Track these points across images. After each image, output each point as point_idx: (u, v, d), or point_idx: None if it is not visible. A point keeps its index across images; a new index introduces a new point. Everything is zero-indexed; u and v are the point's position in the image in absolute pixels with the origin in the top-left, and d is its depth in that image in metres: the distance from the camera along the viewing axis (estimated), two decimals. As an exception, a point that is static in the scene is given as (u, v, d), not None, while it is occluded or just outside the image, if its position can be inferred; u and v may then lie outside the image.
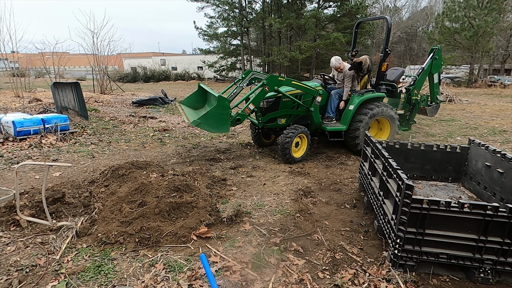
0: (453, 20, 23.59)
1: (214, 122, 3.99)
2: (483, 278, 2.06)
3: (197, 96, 5.21)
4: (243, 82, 4.71)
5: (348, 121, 4.93)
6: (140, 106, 10.64)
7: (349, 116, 4.92)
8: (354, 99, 5.00)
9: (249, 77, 4.72)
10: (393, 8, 44.13)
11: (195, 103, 5.18)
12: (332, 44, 25.57)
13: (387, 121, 5.27)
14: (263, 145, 5.71)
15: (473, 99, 14.64)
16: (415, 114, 6.26)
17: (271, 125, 4.87)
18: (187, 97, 5.21)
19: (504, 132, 7.20)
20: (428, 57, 5.98)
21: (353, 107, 4.91)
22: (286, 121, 4.90)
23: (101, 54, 13.98)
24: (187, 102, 5.14)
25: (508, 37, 28.62)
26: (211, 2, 27.75)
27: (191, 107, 5.12)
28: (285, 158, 4.62)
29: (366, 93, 5.03)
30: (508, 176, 2.79)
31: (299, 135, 4.65)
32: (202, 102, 5.22)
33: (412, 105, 6.10)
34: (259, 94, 4.33)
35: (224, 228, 2.75)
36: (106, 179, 3.56)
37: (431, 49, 6.04)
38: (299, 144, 4.78)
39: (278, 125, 4.89)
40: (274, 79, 4.38)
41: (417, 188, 3.49)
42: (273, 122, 4.86)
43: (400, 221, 2.08)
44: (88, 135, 6.34)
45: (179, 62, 38.62)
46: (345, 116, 4.99)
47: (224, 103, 4.01)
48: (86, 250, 2.38)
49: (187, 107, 5.05)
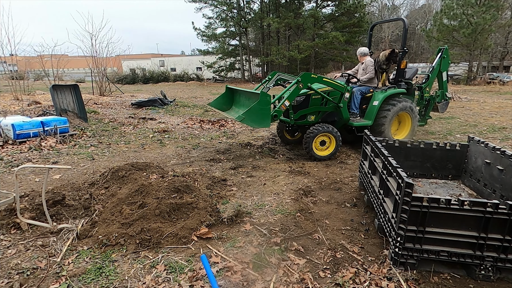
0: (452, 17, 23.58)
1: (256, 117, 4.10)
2: (484, 275, 2.06)
3: (224, 98, 5.44)
4: (270, 83, 5.01)
5: (373, 116, 5.13)
6: (140, 108, 10.64)
7: (374, 112, 5.12)
8: (378, 95, 5.21)
9: (275, 78, 5.06)
10: (391, 7, 44.11)
11: (222, 105, 5.40)
12: (331, 43, 25.61)
13: (409, 116, 5.50)
14: (287, 142, 5.88)
15: (472, 97, 14.64)
16: (430, 109, 6.44)
17: (301, 122, 5.03)
18: (214, 100, 5.45)
19: (504, 129, 7.20)
20: (437, 56, 6.13)
21: (378, 102, 5.11)
22: (315, 118, 5.04)
23: (100, 56, 13.97)
24: (214, 104, 5.37)
25: (507, 34, 28.61)
26: (209, 3, 27.78)
27: (219, 108, 5.32)
28: (308, 155, 4.81)
29: (388, 89, 5.27)
30: (508, 173, 2.79)
31: (325, 134, 4.76)
32: (229, 104, 5.47)
33: (427, 101, 6.28)
34: (294, 91, 4.43)
35: (225, 229, 2.75)
36: (106, 181, 3.56)
37: (439, 48, 6.21)
38: (325, 143, 4.85)
39: (308, 122, 5.04)
40: (307, 77, 4.49)
41: (417, 186, 3.49)
42: (304, 119, 5.00)
43: (400, 219, 2.08)
44: (88, 137, 6.34)
45: (178, 63, 38.62)
46: (370, 112, 5.20)
47: (266, 99, 4.12)
48: (87, 252, 2.38)
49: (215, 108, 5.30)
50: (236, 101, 5.43)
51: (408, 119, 5.56)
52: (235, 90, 5.46)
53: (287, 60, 26.02)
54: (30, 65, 16.15)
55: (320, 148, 4.84)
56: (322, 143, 4.82)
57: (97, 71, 13.93)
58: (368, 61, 5.36)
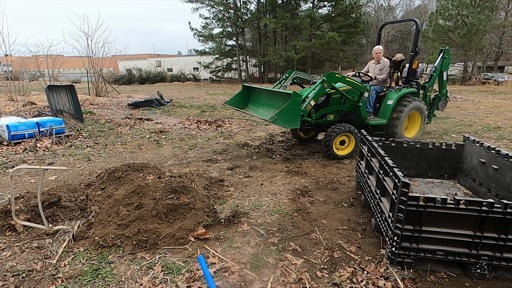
0: (447, 18, 23.78)
1: (288, 117, 4.10)
2: (479, 274, 2.08)
3: (241, 97, 5.49)
4: (287, 81, 5.14)
5: (388, 115, 5.26)
6: (136, 108, 10.60)
7: (389, 111, 5.25)
8: (393, 94, 5.36)
9: (292, 77, 5.21)
10: (387, 7, 44.37)
11: (239, 104, 5.45)
12: (328, 44, 25.69)
13: (419, 115, 5.69)
14: (301, 140, 6.00)
15: (467, 97, 14.76)
16: (435, 108, 6.57)
17: (321, 121, 5.06)
18: (231, 98, 5.50)
19: (499, 128, 7.27)
20: (439, 57, 6.26)
21: (392, 102, 5.25)
22: (334, 117, 5.10)
23: (96, 56, 13.89)
24: (232, 103, 5.42)
25: (501, 35, 28.90)
26: (205, 3, 27.74)
27: (236, 107, 5.38)
28: (328, 154, 4.86)
29: (402, 89, 5.44)
30: (503, 172, 2.82)
31: (346, 134, 4.82)
32: (245, 102, 5.51)
33: (432, 100, 6.43)
34: (319, 90, 4.49)
35: (222, 229, 2.75)
36: (103, 182, 3.54)
37: (440, 49, 6.35)
38: (345, 142, 4.91)
39: (327, 121, 5.08)
40: (332, 76, 4.58)
41: (414, 186, 3.51)
42: (323, 118, 5.04)
43: (397, 218, 2.09)
44: (84, 138, 6.30)
45: (174, 63, 38.53)
46: (385, 111, 5.32)
47: (297, 99, 4.10)
48: (83, 254, 2.36)
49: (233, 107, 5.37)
50: (254, 100, 5.43)
51: (418, 117, 5.74)
52: (252, 89, 5.50)
53: (284, 60, 26.04)
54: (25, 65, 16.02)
55: (340, 148, 4.90)
56: (342, 142, 4.89)
57: (93, 71, 13.85)
58: (386, 61, 5.51)
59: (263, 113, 4.83)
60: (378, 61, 5.61)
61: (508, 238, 1.97)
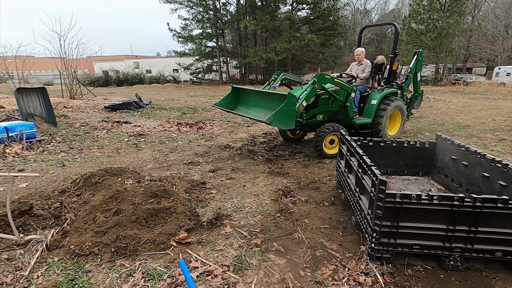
0: (419, 22, 24.87)
1: (284, 118, 4.12)
2: (453, 266, 2.18)
3: (230, 98, 5.47)
4: (276, 83, 5.20)
5: (372, 114, 5.49)
6: (113, 111, 10.27)
7: (373, 110, 5.47)
8: (376, 94, 5.59)
9: (280, 78, 5.37)
10: (363, 11, 45.77)
11: (229, 105, 5.42)
12: (307, 46, 26.10)
13: (399, 114, 6.01)
14: (288, 140, 6.12)
15: (439, 97, 15.48)
16: (412, 107, 6.87)
17: (311, 122, 5.18)
18: (221, 100, 5.45)
19: (468, 127, 7.67)
20: (413, 59, 6.54)
21: (376, 101, 5.48)
22: (323, 117, 5.23)
23: (69, 57, 13.33)
24: (222, 104, 5.38)
25: (468, 38, 30.62)
26: (184, 4, 27.38)
27: (226, 108, 5.34)
28: (318, 153, 4.99)
29: (385, 89, 5.68)
30: (472, 168, 2.97)
31: (335, 134, 4.95)
32: (234, 103, 5.50)
33: (409, 99, 6.75)
34: (310, 91, 4.58)
35: (205, 232, 2.72)
36: (78, 188, 3.40)
37: (414, 51, 6.62)
38: (334, 141, 5.04)
39: (316, 121, 5.20)
40: (323, 77, 4.70)
41: (391, 183, 3.63)
42: (313, 119, 5.16)
43: (375, 215, 2.15)
44: (58, 142, 6.03)
45: (153, 64, 37.76)
46: (369, 110, 5.55)
47: (293, 100, 4.14)
48: (58, 264, 2.26)
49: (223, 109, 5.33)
50: (244, 101, 5.44)
51: (399, 116, 6.05)
52: (242, 90, 5.50)
53: (264, 62, 26.20)
54: (-8, 67, 15.12)
55: (329, 147, 5.03)
56: (331, 141, 5.02)
57: (67, 73, 13.29)
58: (368, 62, 5.77)
59: (254, 114, 4.87)
60: (360, 63, 5.83)
61: (478, 230, 2.08)
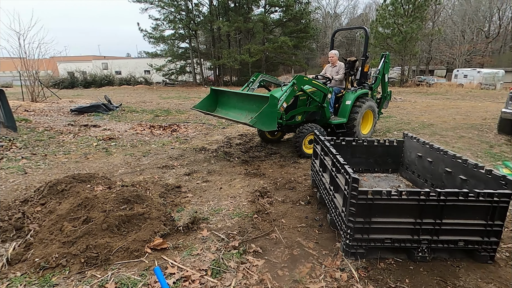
0: (385, 26, 26.20)
1: (267, 119, 4.12)
2: (421, 257, 2.30)
3: (209, 100, 5.41)
4: (254, 84, 5.21)
5: (347, 114, 5.70)
6: (81, 114, 9.76)
7: (348, 110, 5.69)
8: (350, 95, 5.80)
9: (259, 80, 5.31)
10: (334, 15, 47.32)
11: (208, 107, 5.35)
12: (280, 48, 26.49)
13: (371, 113, 6.27)
14: (267, 141, 6.16)
15: (405, 97, 16.35)
16: (381, 107, 7.21)
17: (290, 122, 5.24)
18: (199, 102, 5.36)
19: (431, 125, 8.17)
20: (381, 61, 6.87)
21: (350, 102, 5.70)
22: (301, 117, 5.32)
23: (30, 57, 12.46)
24: (201, 107, 5.28)
25: (430, 42, 32.69)
26: (155, 4, 26.70)
27: (206, 110, 5.26)
28: (298, 153, 5.07)
29: (358, 90, 5.90)
30: (436, 164, 3.17)
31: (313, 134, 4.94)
32: (214, 105, 5.44)
33: (379, 99, 7.06)
34: (290, 93, 4.66)
35: (181, 237, 2.66)
36: (43, 196, 3.18)
37: (382, 54, 6.94)
38: (312, 141, 5.04)
39: (295, 122, 5.28)
40: (301, 79, 4.80)
41: (363, 181, 3.77)
42: (292, 120, 5.22)
43: (349, 212, 2.22)
44: (18, 148, 5.62)
45: (123, 66, 36.45)
46: (344, 110, 5.76)
47: (274, 101, 4.17)
48: (20, 279, 2.10)
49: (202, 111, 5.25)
50: (224, 103, 5.38)
51: (371, 116, 6.32)
52: (221, 92, 5.44)
53: (238, 63, 26.20)
54: None
55: (309, 146, 5.12)
56: (310, 141, 5.11)
57: (28, 74, 12.42)
58: (341, 64, 6.01)
59: (235, 116, 4.85)
60: (334, 64, 6.04)
61: (443, 222, 2.22)
